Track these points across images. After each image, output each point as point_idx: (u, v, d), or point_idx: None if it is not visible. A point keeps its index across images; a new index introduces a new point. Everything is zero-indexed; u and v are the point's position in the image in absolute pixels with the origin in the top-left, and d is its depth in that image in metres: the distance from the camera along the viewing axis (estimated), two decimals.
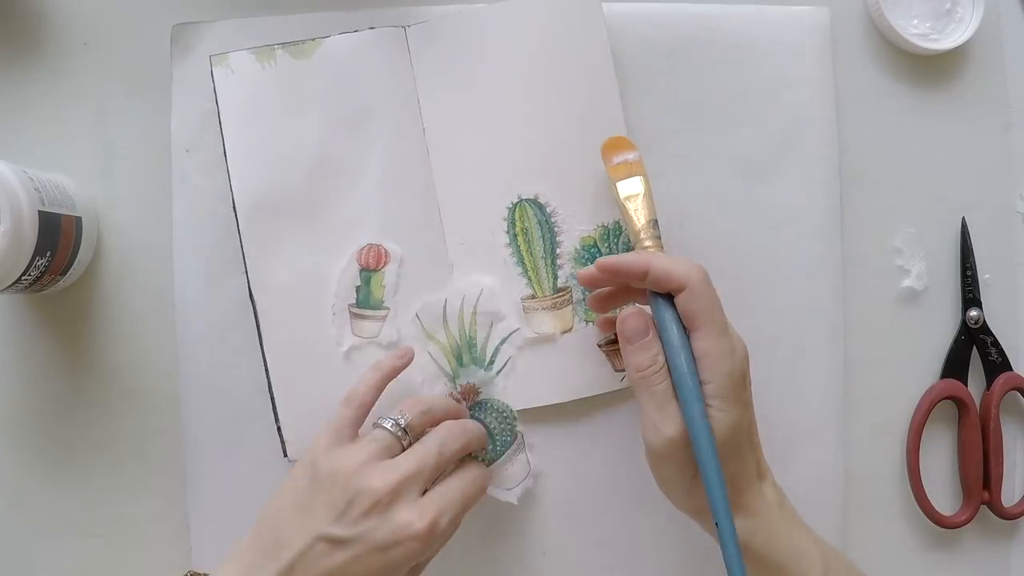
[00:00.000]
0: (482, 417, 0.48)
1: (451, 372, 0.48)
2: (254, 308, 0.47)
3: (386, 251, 0.48)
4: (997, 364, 0.52)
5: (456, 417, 0.45)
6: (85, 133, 0.49)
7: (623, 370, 0.48)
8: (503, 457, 0.47)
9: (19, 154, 0.49)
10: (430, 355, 0.48)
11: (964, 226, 0.53)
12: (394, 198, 0.48)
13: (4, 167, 0.42)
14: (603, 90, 0.49)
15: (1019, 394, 0.53)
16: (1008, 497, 0.52)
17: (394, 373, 0.46)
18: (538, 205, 0.49)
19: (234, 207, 0.47)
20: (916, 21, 0.52)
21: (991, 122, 0.53)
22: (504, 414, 0.48)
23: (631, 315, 0.42)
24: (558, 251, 0.49)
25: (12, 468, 0.49)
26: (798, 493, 0.43)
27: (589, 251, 0.49)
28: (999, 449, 0.51)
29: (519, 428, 0.48)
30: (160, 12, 0.49)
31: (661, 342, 0.41)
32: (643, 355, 0.41)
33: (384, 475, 0.40)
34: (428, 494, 0.41)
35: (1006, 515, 0.51)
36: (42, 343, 0.49)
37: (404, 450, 0.42)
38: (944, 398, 0.52)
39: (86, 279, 0.49)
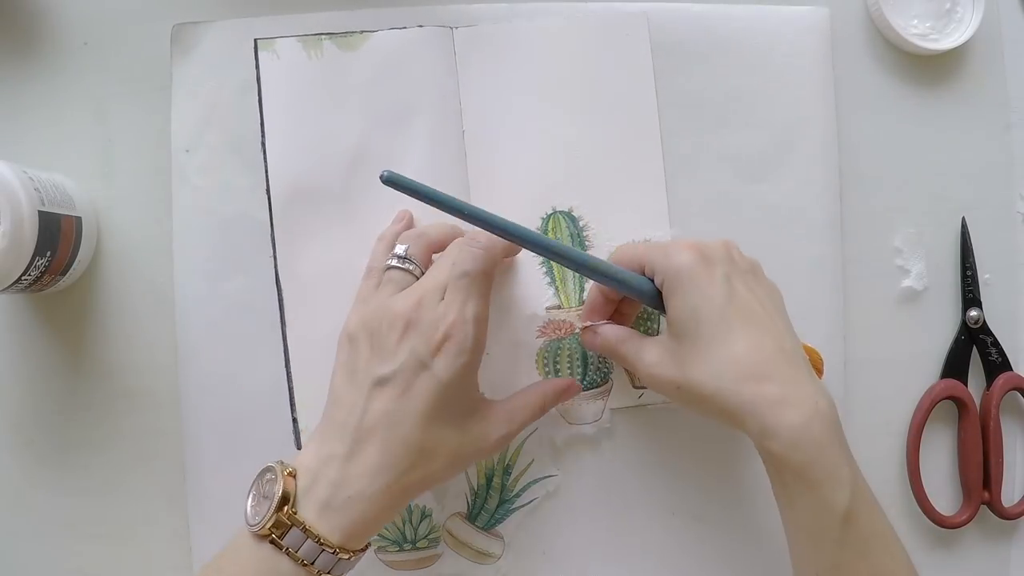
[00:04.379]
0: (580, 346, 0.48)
1: (474, 487, 0.48)
2: (280, 295, 0.47)
3: None
4: (997, 364, 0.52)
5: (455, 237, 0.45)
6: (85, 133, 0.49)
7: (641, 387, 0.49)
8: (587, 393, 0.48)
9: (19, 154, 0.48)
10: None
11: (964, 226, 0.53)
12: None
13: (4, 167, 0.42)
14: (642, 111, 0.50)
15: (1019, 394, 0.53)
16: (1008, 497, 0.52)
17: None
18: (571, 217, 0.49)
19: (268, 192, 0.47)
20: (916, 21, 0.52)
21: (991, 122, 0.53)
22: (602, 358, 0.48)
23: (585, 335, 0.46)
24: None
25: (12, 468, 0.49)
26: None
27: None
28: (999, 449, 0.51)
29: (613, 377, 0.48)
30: (160, 12, 0.49)
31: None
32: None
33: (405, 299, 0.41)
34: (446, 293, 0.41)
35: (1006, 515, 0.51)
36: (42, 343, 0.49)
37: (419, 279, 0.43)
38: (944, 398, 0.52)
39: (86, 279, 0.49)
